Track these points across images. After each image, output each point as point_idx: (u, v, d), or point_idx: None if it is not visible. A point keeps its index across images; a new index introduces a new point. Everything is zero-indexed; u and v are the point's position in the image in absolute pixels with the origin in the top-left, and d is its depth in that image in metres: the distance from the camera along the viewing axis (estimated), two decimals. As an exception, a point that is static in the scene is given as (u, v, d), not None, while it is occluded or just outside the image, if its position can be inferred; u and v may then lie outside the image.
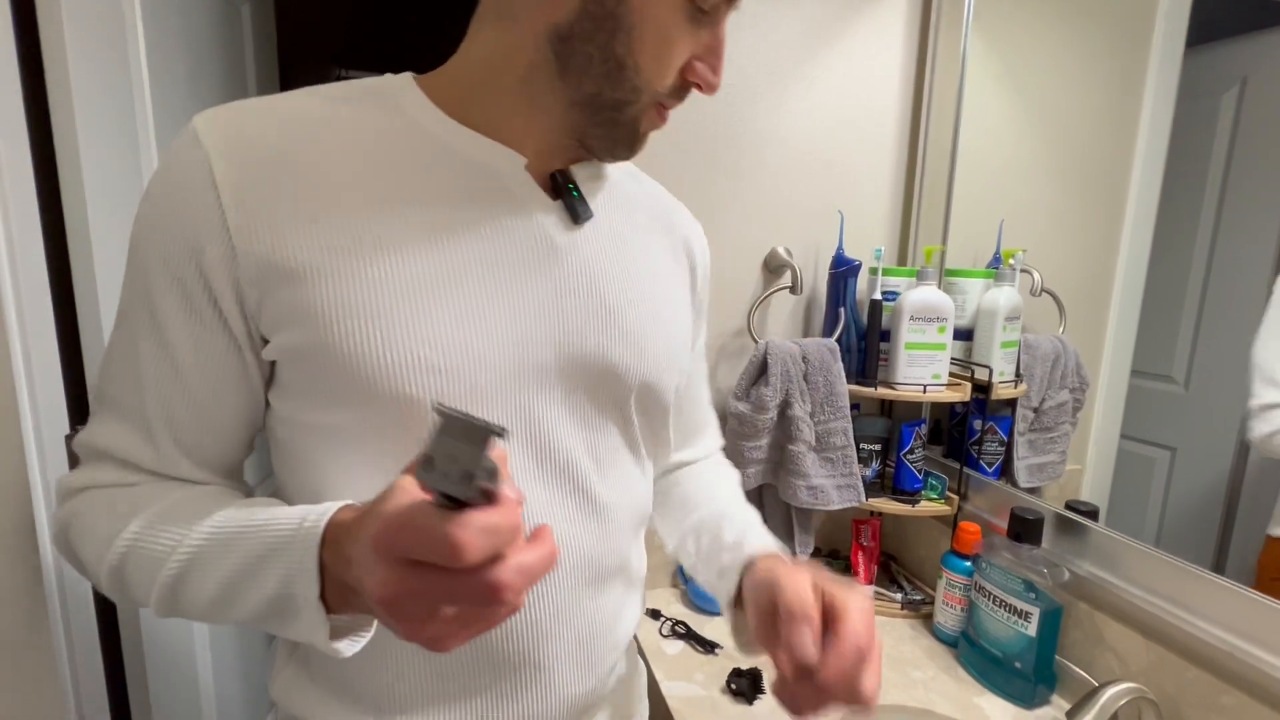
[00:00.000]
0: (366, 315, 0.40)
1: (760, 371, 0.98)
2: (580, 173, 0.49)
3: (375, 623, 0.38)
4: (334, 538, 0.34)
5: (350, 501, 0.37)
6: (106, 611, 0.86)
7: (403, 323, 0.40)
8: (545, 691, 0.48)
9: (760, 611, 0.45)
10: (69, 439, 0.78)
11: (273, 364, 0.44)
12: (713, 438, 0.71)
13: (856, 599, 0.43)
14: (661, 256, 0.55)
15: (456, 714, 0.46)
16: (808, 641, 0.40)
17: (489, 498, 0.27)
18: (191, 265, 0.40)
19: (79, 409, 0.80)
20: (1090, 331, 0.92)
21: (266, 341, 0.42)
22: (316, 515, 0.35)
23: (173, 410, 0.42)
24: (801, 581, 0.44)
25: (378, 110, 0.44)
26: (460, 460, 0.25)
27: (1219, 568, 0.71)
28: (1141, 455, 0.84)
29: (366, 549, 0.29)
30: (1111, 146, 0.89)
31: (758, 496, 1.06)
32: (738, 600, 0.51)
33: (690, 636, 0.94)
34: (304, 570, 0.34)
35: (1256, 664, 0.63)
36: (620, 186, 0.54)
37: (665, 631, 0.96)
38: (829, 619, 0.42)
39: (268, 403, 0.46)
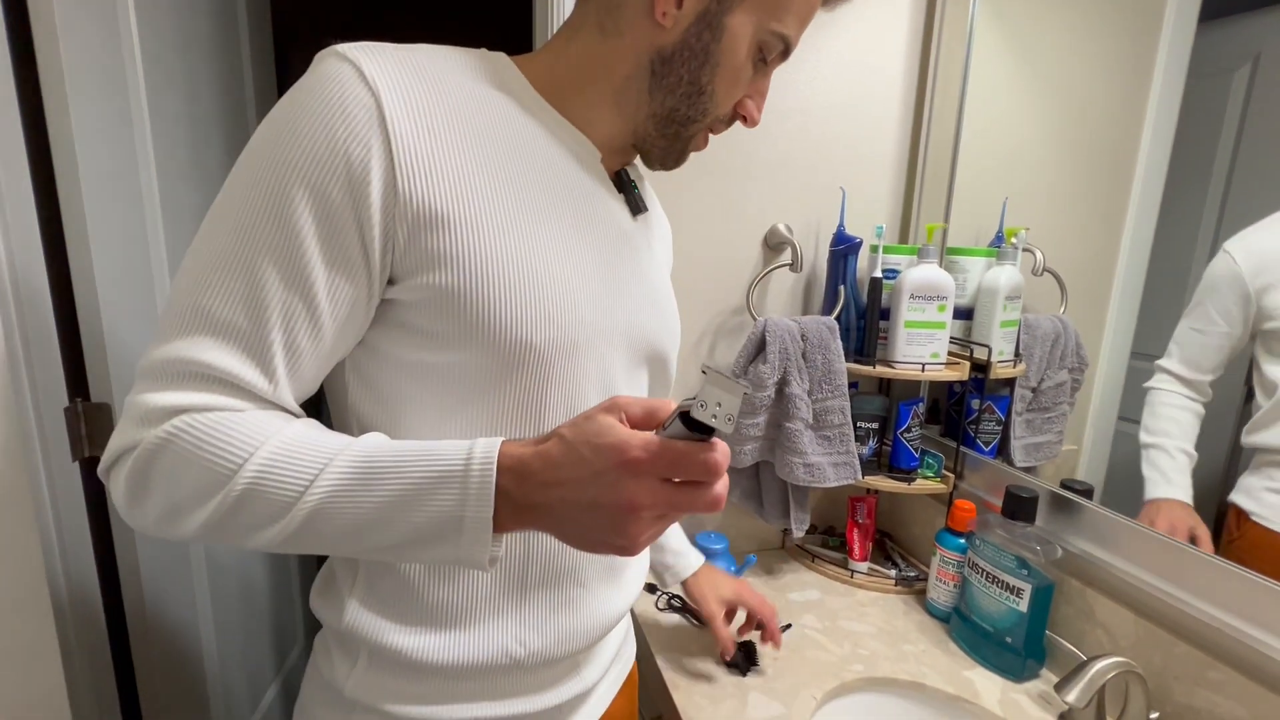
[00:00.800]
0: (506, 267, 0.45)
1: (758, 349, 0.98)
2: (631, 173, 0.59)
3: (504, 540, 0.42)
4: (511, 465, 0.39)
5: (503, 437, 0.41)
6: (109, 577, 0.87)
7: (533, 278, 0.46)
8: (584, 606, 0.55)
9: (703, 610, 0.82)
10: (68, 411, 0.78)
11: (385, 305, 0.46)
12: None
13: (748, 595, 0.84)
14: (661, 250, 0.66)
15: (513, 626, 0.52)
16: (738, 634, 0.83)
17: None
18: (347, 198, 0.40)
19: (76, 381, 0.80)
20: (1091, 312, 0.91)
21: (392, 283, 0.44)
22: (485, 447, 0.39)
23: (298, 342, 0.42)
24: (717, 604, 0.82)
25: (490, 83, 0.49)
26: (725, 406, 0.34)
27: (1215, 547, 0.72)
28: (1139, 437, 0.85)
29: (606, 470, 0.36)
30: (1119, 125, 0.87)
31: (754, 473, 1.07)
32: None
33: (686, 610, 0.95)
34: (480, 495, 0.38)
35: (1244, 639, 0.64)
36: (646, 188, 0.64)
37: (661, 605, 0.97)
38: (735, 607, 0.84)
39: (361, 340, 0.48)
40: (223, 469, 0.39)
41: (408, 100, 0.42)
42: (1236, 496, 0.73)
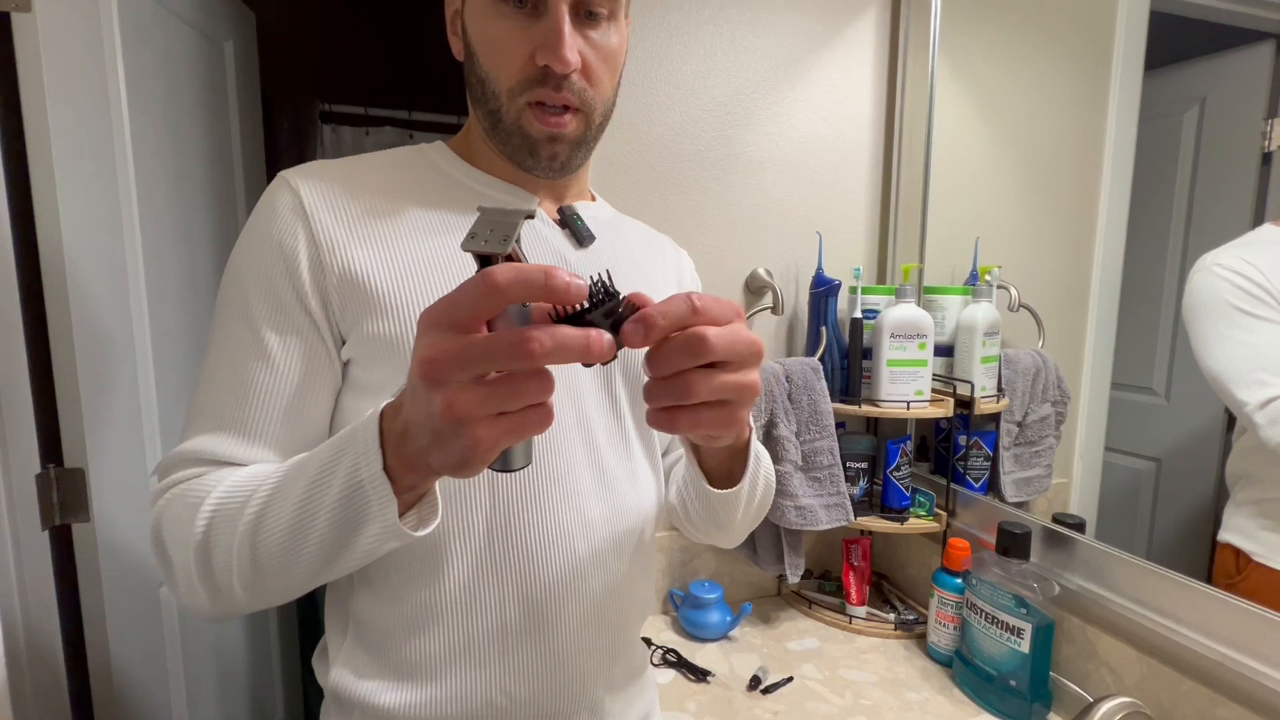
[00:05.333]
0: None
1: (744, 392, 0.98)
2: (581, 210, 0.60)
3: (440, 506, 0.40)
4: (388, 412, 0.36)
5: None
6: (78, 649, 0.83)
7: None
8: (571, 655, 0.53)
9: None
10: (39, 477, 0.76)
11: (346, 365, 0.50)
12: None
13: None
14: (654, 276, 0.64)
15: (496, 676, 0.51)
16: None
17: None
18: (285, 277, 0.47)
19: (49, 447, 0.79)
20: (1069, 345, 0.93)
21: (344, 343, 0.49)
22: (374, 410, 0.37)
23: (269, 400, 0.47)
24: None
25: (419, 164, 0.56)
26: (498, 229, 0.29)
27: (1210, 578, 0.71)
28: (1128, 467, 0.85)
29: (415, 342, 0.31)
30: (1079, 164, 0.91)
31: (746, 518, 1.05)
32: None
33: (682, 665, 0.92)
34: (367, 448, 0.36)
35: (1251, 674, 0.62)
36: (614, 223, 0.64)
37: (656, 660, 0.94)
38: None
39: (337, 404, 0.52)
40: (190, 519, 0.43)
41: (326, 194, 0.49)
42: (1230, 536, 0.71)
